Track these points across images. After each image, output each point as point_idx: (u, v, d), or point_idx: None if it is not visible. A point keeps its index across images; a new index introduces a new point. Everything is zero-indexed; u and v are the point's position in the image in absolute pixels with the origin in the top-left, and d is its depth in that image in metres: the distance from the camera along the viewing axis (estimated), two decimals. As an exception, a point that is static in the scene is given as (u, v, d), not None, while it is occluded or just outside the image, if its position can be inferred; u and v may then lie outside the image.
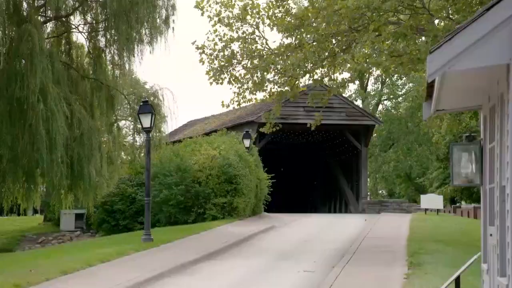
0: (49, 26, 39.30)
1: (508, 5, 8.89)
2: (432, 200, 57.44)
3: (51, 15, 38.90)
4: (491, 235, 11.46)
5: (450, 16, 29.47)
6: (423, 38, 29.30)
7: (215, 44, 31.73)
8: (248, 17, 31.37)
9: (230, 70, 31.55)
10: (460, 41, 9.01)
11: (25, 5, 37.28)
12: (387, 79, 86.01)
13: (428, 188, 79.48)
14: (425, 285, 19.40)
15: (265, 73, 31.10)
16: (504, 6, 8.90)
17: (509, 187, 9.17)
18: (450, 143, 17.24)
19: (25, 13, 36.53)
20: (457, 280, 15.56)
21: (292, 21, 30.22)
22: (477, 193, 54.07)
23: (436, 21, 29.73)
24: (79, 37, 40.51)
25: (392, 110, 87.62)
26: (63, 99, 34.87)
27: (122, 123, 49.13)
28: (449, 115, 34.37)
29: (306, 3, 31.56)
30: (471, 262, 15.83)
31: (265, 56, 30.98)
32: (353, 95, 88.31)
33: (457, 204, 68.89)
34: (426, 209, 56.08)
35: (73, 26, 39.92)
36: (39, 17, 37.51)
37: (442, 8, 30.01)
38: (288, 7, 31.12)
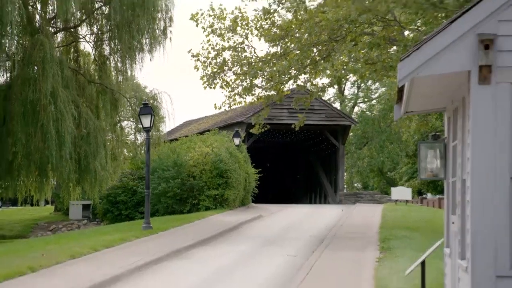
0: (59, 36, 39.34)
1: (469, 19, 8.97)
2: (401, 192, 57.50)
3: (60, 26, 38.92)
4: (453, 223, 11.52)
5: (419, 28, 29.52)
6: (395, 47, 29.36)
7: (209, 52, 31.77)
8: (238, 28, 31.40)
9: (222, 76, 31.55)
10: (427, 50, 9.08)
11: (37, 17, 37.36)
12: (362, 84, 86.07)
13: (398, 181, 79.62)
14: (394, 267, 19.45)
15: (254, 79, 31.09)
16: (465, 20, 8.98)
17: (469, 180, 9.23)
18: (418, 142, 17.21)
19: (37, 25, 36.57)
20: (423, 263, 15.63)
21: (278, 32, 30.25)
22: (441, 186, 54.03)
23: (406, 32, 29.76)
24: (86, 46, 40.61)
25: (367, 112, 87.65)
26: (72, 101, 34.92)
27: (124, 123, 49.14)
28: (417, 116, 34.41)
29: (290, 16, 31.57)
30: (435, 246, 15.89)
31: (253, 64, 30.99)
32: (332, 98, 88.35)
33: (424, 196, 68.98)
34: (396, 200, 56.15)
35: (81, 36, 39.99)
36: (50, 28, 37.51)
37: (412, 20, 30.08)
38: (274, 19, 31.14)
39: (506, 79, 8.87)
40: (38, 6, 37.78)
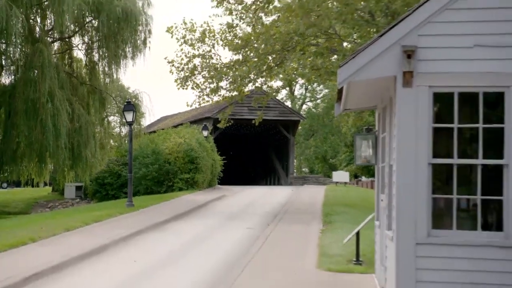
0: (56, 45, 39.03)
1: (395, 33, 9.05)
2: (341, 176, 57.72)
3: (57, 37, 38.68)
4: (382, 200, 11.64)
5: (355, 40, 29.70)
6: (335, 56, 29.49)
7: (182, 59, 31.69)
8: (206, 39, 31.35)
9: (192, 79, 31.49)
10: (361, 59, 9.15)
11: (37, 29, 37.16)
12: (309, 86, 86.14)
13: (338, 166, 79.79)
14: (334, 237, 19.59)
15: (219, 82, 31.08)
16: (392, 34, 9.07)
17: (395, 166, 9.34)
18: (354, 134, 17.34)
19: (37, 35, 36.37)
20: (358, 233, 15.77)
21: (239, 42, 30.24)
22: (373, 170, 54.47)
23: (345, 44, 29.93)
24: (79, 53, 40.30)
25: (313, 109, 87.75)
26: (66, 100, 34.77)
27: (111, 118, 48.73)
28: (353, 113, 34.57)
29: (249, 29, 31.56)
30: (367, 220, 16.04)
31: (219, 69, 30.96)
32: (284, 97, 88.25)
33: (359, 178, 69.09)
34: (336, 182, 56.31)
35: (74, 45, 39.77)
36: (48, 38, 37.28)
37: (349, 34, 30.29)
38: (236, 32, 31.14)
39: (425, 83, 8.97)
40: (38, 20, 37.57)
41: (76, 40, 39.50)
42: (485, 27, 8.91)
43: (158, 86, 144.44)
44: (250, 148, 75.51)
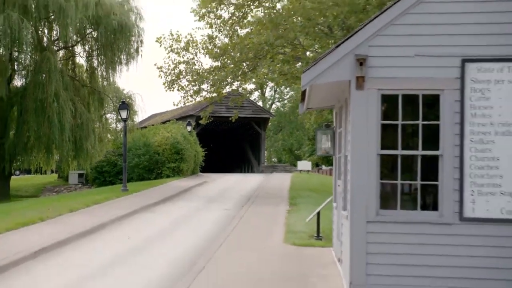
0: (61, 53, 38.86)
1: (349, 44, 9.09)
2: (304, 165, 57.73)
3: (62, 46, 38.55)
4: (338, 185, 11.70)
5: (316, 50, 29.78)
6: (300, 63, 29.55)
7: (169, 65, 31.50)
8: (190, 48, 31.20)
9: (178, 82, 31.34)
10: (321, 65, 9.17)
11: (45, 39, 37.15)
12: (278, 89, 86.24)
13: (302, 157, 79.78)
14: (299, 217, 19.66)
15: (201, 85, 30.99)
16: (347, 45, 9.11)
17: (349, 156, 9.40)
18: (315, 129, 17.39)
19: (45, 44, 36.31)
20: (318, 213, 15.86)
21: (218, 51, 30.15)
22: (331, 160, 54.67)
23: (308, 53, 29.97)
24: (80, 60, 40.12)
25: (281, 108, 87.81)
26: (70, 100, 34.75)
27: (108, 115, 48.29)
28: (315, 111, 34.65)
29: (227, 40, 31.47)
30: (326, 202, 16.12)
31: (201, 74, 30.85)
32: (257, 98, 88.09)
33: (320, 167, 69.28)
34: (300, 170, 56.24)
35: (76, 53, 39.68)
36: (54, 47, 37.17)
37: (311, 45, 30.38)
38: (215, 42, 31.03)
39: (374, 86, 9.04)
40: (46, 31, 37.47)
41: (78, 48, 39.45)
42: (423, 40, 9.01)
43: (149, 88, 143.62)
44: (228, 141, 75.32)
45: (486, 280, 8.85)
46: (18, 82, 37.51)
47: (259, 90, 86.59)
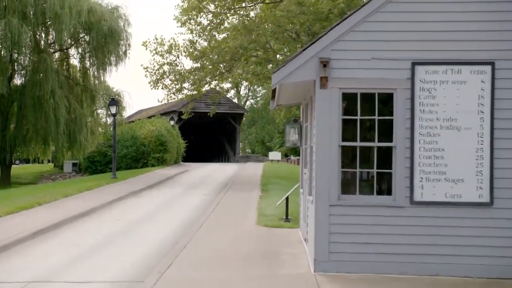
0: (56, 55, 38.48)
1: (314, 48, 9.13)
2: (275, 155, 57.80)
3: (57, 48, 38.18)
4: (305, 173, 11.75)
5: (286, 53, 29.80)
6: (271, 65, 29.56)
7: (154, 66, 31.20)
8: (173, 51, 30.99)
9: (162, 81, 31.13)
10: (290, 67, 9.20)
11: (42, 42, 36.94)
12: (251, 87, 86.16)
13: (273, 148, 79.90)
14: (270, 201, 19.69)
15: (183, 84, 30.84)
16: (312, 49, 9.14)
17: (314, 147, 9.46)
18: (284, 123, 17.43)
19: (42, 47, 36.07)
20: (287, 198, 15.91)
21: (198, 54, 30.01)
22: (299, 151, 54.80)
23: (278, 56, 29.99)
24: (74, 61, 39.72)
25: (254, 105, 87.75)
26: (64, 97, 34.51)
27: (99, 111, 47.73)
28: (284, 108, 34.70)
29: (206, 44, 31.31)
30: (294, 188, 16.16)
31: (182, 74, 30.70)
32: (232, 96, 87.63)
33: (288, 157, 69.41)
34: (271, 160, 56.23)
35: (71, 55, 39.34)
36: (50, 49, 36.88)
37: (281, 48, 30.38)
38: (195, 46, 30.85)
39: (336, 86, 9.09)
40: (43, 35, 37.24)
41: (72, 51, 39.12)
42: (378, 45, 9.08)
43: (136, 86, 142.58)
44: (206, 134, 75.07)
45: (434, 256, 8.99)
46: (17, 80, 37.14)
47: (235, 89, 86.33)
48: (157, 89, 31.40)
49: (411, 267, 8.95)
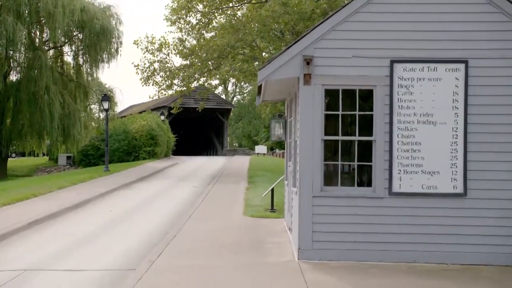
0: (51, 52, 38.12)
1: (298, 46, 9.15)
2: (261, 149, 57.83)
3: (51, 46, 37.88)
4: (289, 166, 11.80)
5: (271, 51, 29.78)
6: (257, 62, 29.52)
7: (145, 63, 31.06)
8: (163, 49, 30.86)
9: (153, 78, 30.99)
10: (274, 64, 9.22)
11: (37, 40, 36.59)
12: (238, 84, 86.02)
13: (259, 142, 79.90)
14: (256, 193, 19.71)
15: (173, 80, 30.73)
16: (296, 47, 9.16)
17: (298, 141, 9.49)
18: (270, 118, 17.46)
19: (37, 44, 35.77)
20: (272, 190, 15.94)
21: (187, 51, 29.91)
22: (284, 144, 54.50)
23: (264, 54, 29.96)
24: (68, 58, 39.40)
25: (241, 101, 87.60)
26: (59, 93, 34.30)
27: (92, 106, 47.40)
28: (270, 103, 34.69)
29: (195, 42, 31.16)
30: (279, 180, 16.24)
31: (172, 71, 30.58)
32: (220, 92, 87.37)
33: (274, 150, 69.44)
34: (258, 153, 56.29)
35: (64, 52, 39.06)
36: (44, 47, 36.54)
37: (267, 47, 30.34)
38: (185, 44, 30.72)
39: (319, 82, 9.12)
40: (38, 33, 36.89)
41: (66, 48, 38.86)
42: (359, 44, 9.11)
43: (127, 82, 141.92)
44: (195, 128, 74.89)
45: (411, 244, 9.06)
46: (13, 77, 36.83)
47: (223, 85, 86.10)
48: (148, 85, 31.34)
49: (389, 255, 9.02)
